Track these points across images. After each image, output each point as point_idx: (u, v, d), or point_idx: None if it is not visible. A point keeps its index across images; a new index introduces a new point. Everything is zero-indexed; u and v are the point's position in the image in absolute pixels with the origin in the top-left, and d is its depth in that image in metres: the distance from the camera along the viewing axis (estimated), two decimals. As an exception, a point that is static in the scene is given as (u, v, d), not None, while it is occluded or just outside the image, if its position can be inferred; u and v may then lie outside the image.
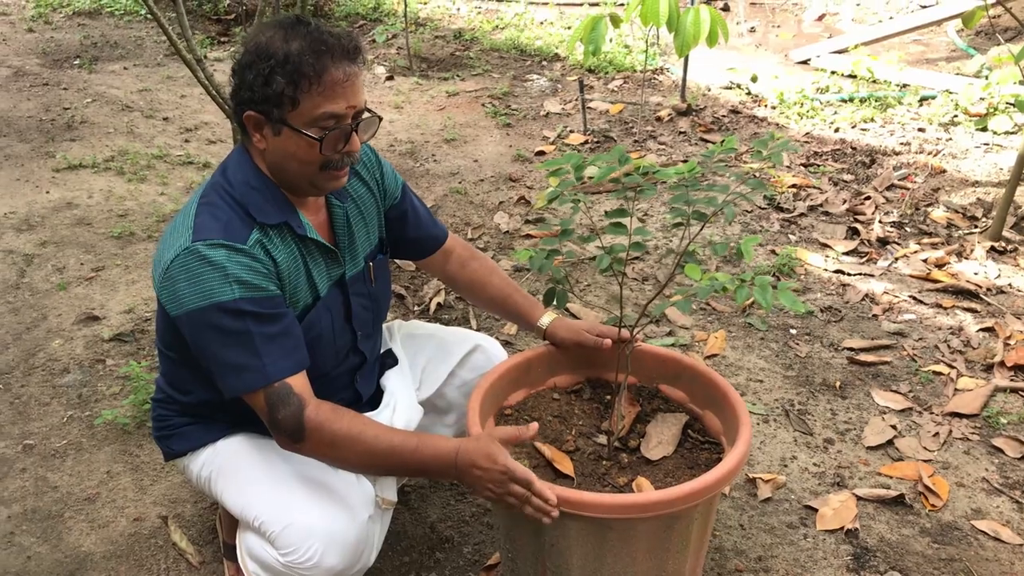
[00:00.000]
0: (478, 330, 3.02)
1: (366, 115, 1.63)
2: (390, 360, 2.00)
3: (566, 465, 1.80)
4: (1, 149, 4.63)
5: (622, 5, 7.29)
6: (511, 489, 1.53)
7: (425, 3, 7.83)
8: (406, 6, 6.33)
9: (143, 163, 4.47)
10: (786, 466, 2.44)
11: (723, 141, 1.80)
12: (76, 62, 6.22)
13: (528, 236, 3.74)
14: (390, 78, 5.99)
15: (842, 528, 2.20)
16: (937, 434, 2.55)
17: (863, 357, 2.89)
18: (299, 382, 1.57)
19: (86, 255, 3.55)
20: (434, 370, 2.03)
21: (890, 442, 2.52)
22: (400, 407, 1.88)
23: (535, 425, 1.63)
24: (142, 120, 5.14)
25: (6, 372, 2.82)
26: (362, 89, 1.62)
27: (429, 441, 1.59)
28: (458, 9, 7.69)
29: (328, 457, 1.60)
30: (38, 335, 3.02)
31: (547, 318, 2.01)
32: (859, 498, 2.30)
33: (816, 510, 2.26)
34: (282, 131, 1.58)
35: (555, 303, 1.87)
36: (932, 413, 2.64)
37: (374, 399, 1.92)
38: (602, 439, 1.90)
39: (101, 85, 5.74)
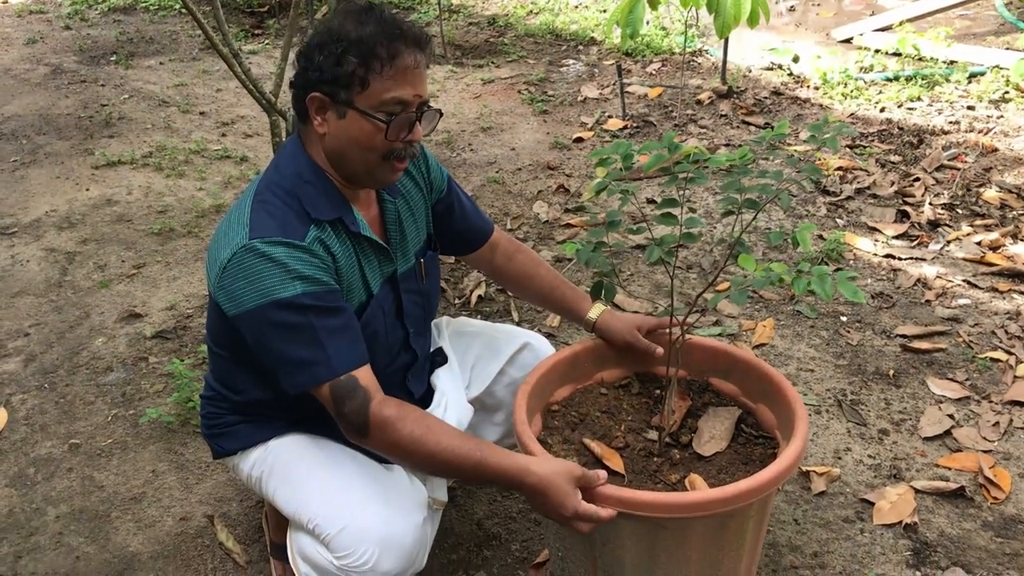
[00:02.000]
0: (520, 322, 2.99)
1: (429, 107, 1.61)
2: (440, 358, 1.96)
3: (616, 462, 1.76)
4: (41, 147, 4.66)
5: (658, -13, 7.18)
6: (575, 526, 1.53)
7: (458, -10, 7.77)
8: (440, -6, 6.29)
9: (181, 158, 4.48)
10: (840, 458, 2.37)
11: (774, 126, 1.74)
12: (112, 58, 6.25)
13: (568, 225, 3.69)
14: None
15: (900, 522, 2.14)
16: (997, 423, 2.47)
17: (917, 344, 2.81)
18: (364, 375, 1.54)
19: (127, 252, 3.56)
20: (483, 368, 2.00)
21: (948, 432, 2.44)
22: (451, 406, 1.85)
23: (604, 474, 1.58)
24: (179, 115, 5.15)
25: (51, 371, 2.83)
26: (426, 79, 1.60)
27: (493, 457, 1.53)
28: (491, -5, 7.63)
29: (389, 454, 1.57)
30: (81, 333, 3.03)
31: (595, 312, 1.97)
32: (917, 491, 2.23)
33: (873, 504, 2.20)
34: (348, 114, 1.55)
35: (603, 296, 1.82)
36: (991, 402, 2.56)
37: (425, 397, 1.89)
38: (652, 435, 1.85)
39: (138, 81, 5.77)
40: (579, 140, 4.62)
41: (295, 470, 1.71)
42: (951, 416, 2.49)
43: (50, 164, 4.44)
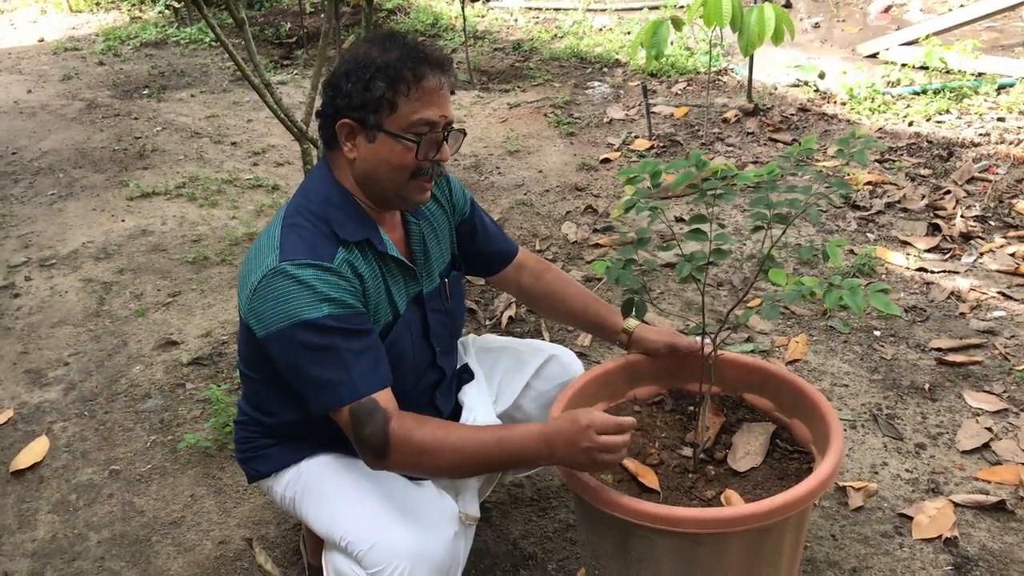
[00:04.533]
0: (552, 342, 2.99)
1: (454, 127, 1.66)
2: (466, 375, 1.98)
3: (651, 479, 1.76)
4: (77, 180, 4.75)
5: (682, 7, 7.21)
6: (601, 442, 1.48)
7: (483, 16, 7.85)
8: (464, 20, 6.36)
9: (214, 188, 4.55)
10: (877, 473, 2.36)
11: (801, 142, 1.74)
12: (145, 92, 6.38)
13: (597, 245, 3.70)
14: (451, 92, 5.99)
15: (940, 536, 2.11)
16: (1036, 436, 2.44)
17: (952, 357, 2.78)
18: (384, 397, 1.56)
19: (162, 281, 3.62)
20: (510, 382, 2.01)
21: (986, 445, 2.41)
22: (479, 421, 1.86)
23: (631, 420, 1.56)
24: (211, 146, 5.24)
25: (90, 399, 2.87)
26: (450, 101, 1.65)
27: (513, 428, 1.56)
28: (516, 20, 7.69)
29: (417, 467, 1.57)
30: (119, 361, 3.07)
31: (630, 325, 1.98)
32: (956, 504, 2.21)
33: (911, 518, 2.18)
34: (377, 137, 1.59)
35: (634, 313, 1.83)
36: (1030, 414, 2.53)
37: (453, 414, 1.90)
38: (687, 451, 1.85)
39: (170, 113, 5.88)
40: (606, 161, 4.64)
41: (327, 489, 1.72)
42: (989, 429, 2.47)
43: (86, 197, 4.53)
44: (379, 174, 1.62)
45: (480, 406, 1.89)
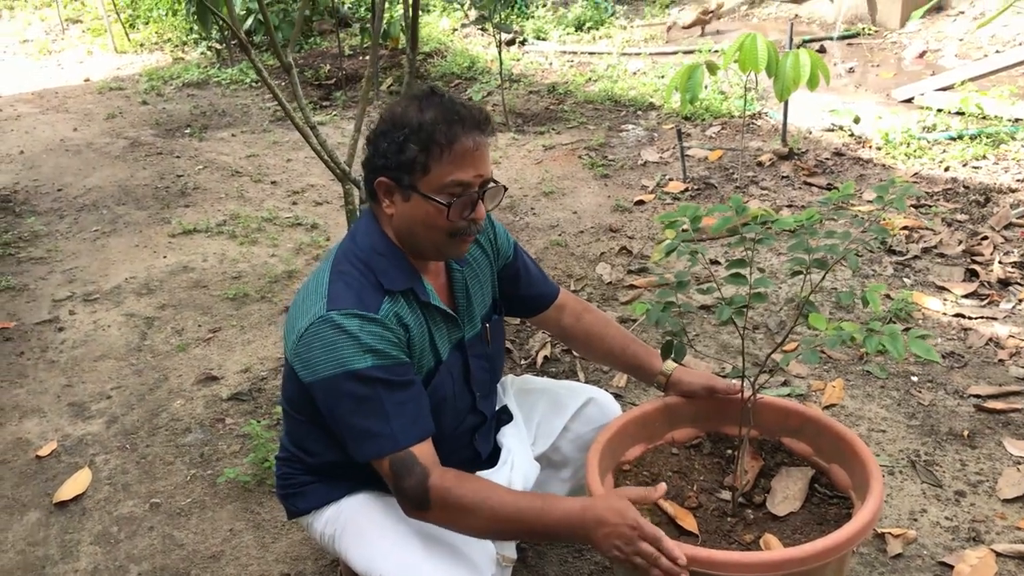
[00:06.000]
0: (586, 382, 3.01)
1: (492, 185, 1.67)
2: (505, 416, 2.00)
3: (689, 522, 1.76)
4: (120, 217, 4.85)
5: (716, 52, 7.27)
6: (640, 548, 1.50)
7: (518, 60, 7.95)
8: (501, 63, 6.44)
9: (254, 226, 4.63)
10: (916, 520, 2.34)
11: (838, 187, 1.76)
12: (187, 131, 6.51)
13: (631, 286, 3.72)
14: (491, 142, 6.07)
15: (982, 586, 2.09)
16: (1079, 485, 2.41)
17: (991, 404, 2.76)
18: (424, 450, 1.59)
19: (203, 317, 3.68)
20: (548, 424, 2.03)
21: (1028, 494, 2.39)
22: (518, 463, 1.87)
23: (663, 486, 1.60)
24: (251, 184, 5.33)
25: (132, 432, 2.92)
26: (489, 159, 1.67)
27: (554, 502, 1.57)
28: (551, 64, 7.79)
29: (453, 524, 1.60)
30: (160, 395, 3.12)
31: (668, 367, 1.99)
32: (998, 554, 2.18)
33: (952, 567, 2.15)
34: (412, 197, 1.63)
35: (673, 356, 1.84)
36: (1072, 463, 2.50)
37: (491, 456, 1.92)
38: (725, 495, 1.85)
39: (211, 152, 5.99)
40: (640, 203, 4.67)
41: (366, 528, 1.74)
42: (1030, 478, 2.44)
43: (129, 233, 4.63)
44: (416, 232, 1.67)
45: (518, 448, 1.90)
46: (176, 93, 7.66)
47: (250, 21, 7.69)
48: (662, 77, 6.89)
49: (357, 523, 1.76)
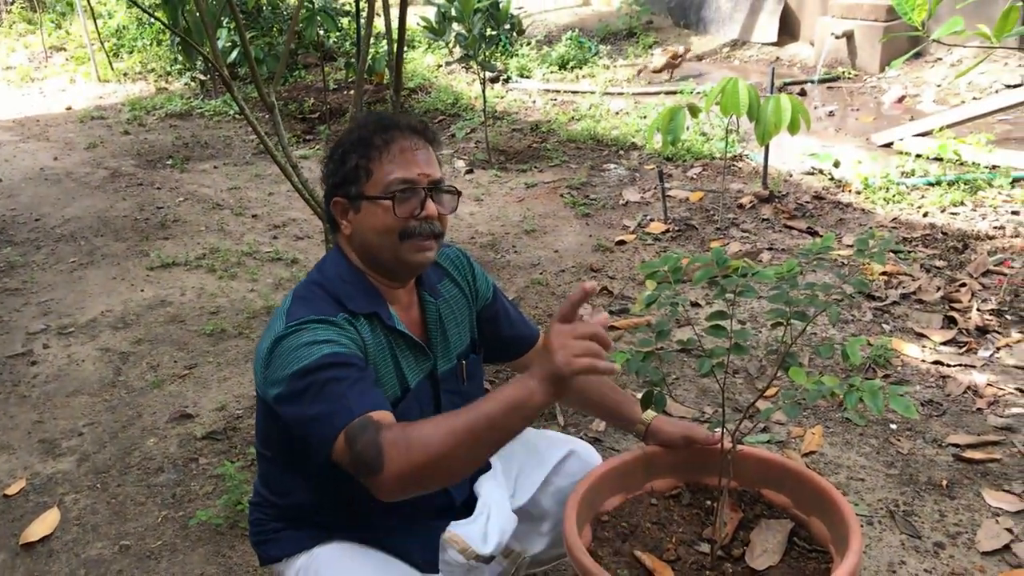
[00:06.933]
0: (565, 426, 3.00)
1: (443, 186, 1.70)
2: (483, 465, 1.97)
3: None
4: (98, 248, 4.82)
5: (698, 94, 7.34)
6: (580, 331, 1.37)
7: (502, 97, 8.00)
8: (484, 101, 6.48)
9: (233, 260, 4.60)
10: (895, 572, 2.32)
11: (819, 232, 1.76)
12: (168, 162, 6.50)
13: (613, 328, 3.71)
14: (470, 171, 6.09)
15: (961, 641, 2.08)
16: (1057, 538, 2.41)
17: (970, 454, 2.76)
18: (379, 413, 1.48)
19: (179, 352, 3.63)
20: (528, 477, 2.00)
21: (1007, 547, 2.38)
22: (494, 515, 1.84)
23: (592, 284, 1.41)
24: (232, 218, 5.31)
25: (103, 471, 2.87)
26: (435, 163, 1.71)
27: (497, 393, 1.42)
28: (534, 102, 7.83)
29: (414, 464, 1.40)
30: (133, 433, 3.08)
31: (647, 416, 1.98)
32: (977, 608, 2.17)
33: (931, 621, 2.14)
34: (361, 206, 1.66)
35: (653, 406, 1.83)
36: (1050, 515, 2.50)
37: (468, 505, 1.89)
38: (704, 547, 1.83)
39: (192, 184, 5.97)
40: (621, 243, 4.68)
41: None
42: (1009, 530, 2.43)
43: (107, 265, 4.59)
44: (370, 241, 1.67)
45: (496, 500, 1.87)
46: (159, 123, 7.65)
47: (235, 53, 7.70)
48: (644, 117, 6.94)
49: (329, 573, 1.72)
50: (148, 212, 5.41)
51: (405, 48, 8.36)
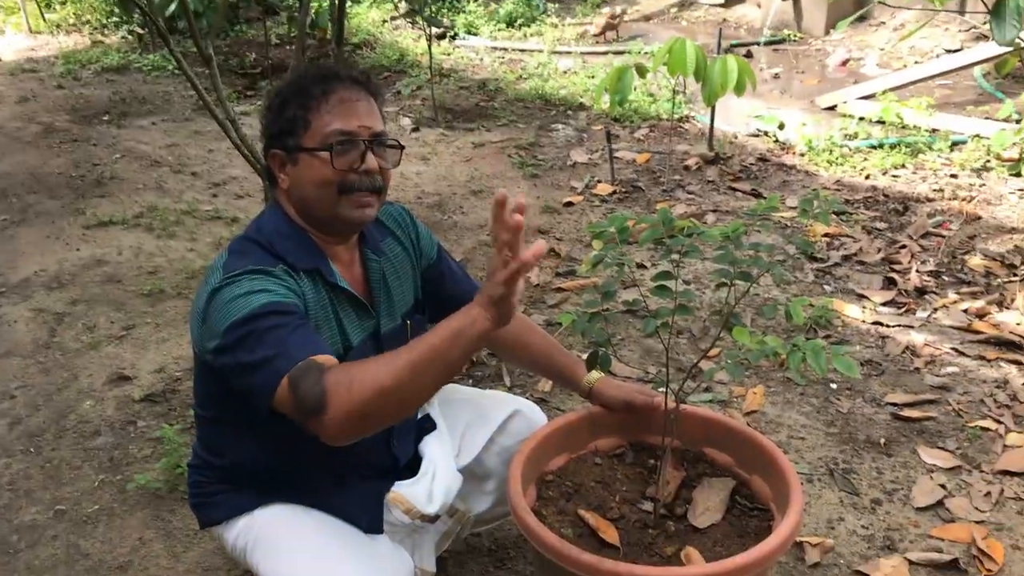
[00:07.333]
0: (511, 387, 2.99)
1: (385, 140, 1.65)
2: (428, 425, 1.96)
3: (611, 534, 1.75)
4: (32, 206, 4.66)
5: (647, 54, 7.31)
6: (497, 259, 1.38)
7: (449, 54, 7.90)
8: (431, 58, 6.38)
9: (172, 219, 4.49)
10: (833, 528, 2.37)
11: (763, 195, 1.77)
12: (105, 118, 6.30)
13: (559, 289, 3.71)
14: (416, 129, 6.01)
15: (895, 595, 2.13)
16: (988, 493, 2.47)
17: (907, 413, 2.82)
18: (321, 356, 1.43)
19: (116, 313, 3.55)
20: (473, 436, 1.99)
21: (940, 502, 2.44)
22: (439, 474, 1.84)
23: (502, 193, 1.39)
24: (171, 175, 5.18)
25: (37, 435, 2.80)
26: (377, 116, 1.65)
27: (440, 324, 1.41)
28: (481, 60, 7.75)
29: (357, 402, 1.35)
30: (69, 396, 3.00)
31: (592, 377, 1.97)
32: (911, 562, 2.22)
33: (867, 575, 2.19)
34: (299, 158, 1.61)
35: (599, 366, 1.83)
36: (982, 471, 2.56)
37: (412, 465, 1.87)
38: (647, 506, 1.84)
39: (130, 140, 5.80)
40: (569, 204, 4.66)
41: (279, 541, 1.68)
42: (943, 486, 2.49)
43: (40, 223, 4.44)
44: (308, 195, 1.62)
45: (441, 459, 1.87)
46: (94, 78, 7.40)
47: (174, 6, 7.46)
48: (592, 77, 6.91)
49: (270, 536, 1.70)
50: (83, 169, 5.25)
51: (349, 2, 8.20)
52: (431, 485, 1.80)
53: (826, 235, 4.10)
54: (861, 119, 5.67)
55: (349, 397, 1.34)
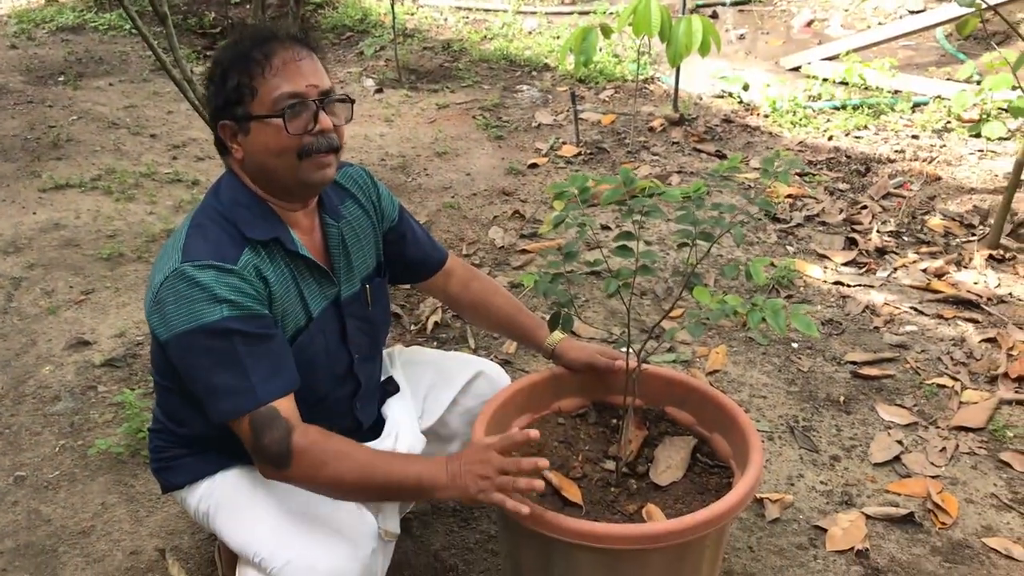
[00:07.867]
0: (476, 349, 2.99)
1: (335, 96, 1.62)
2: (391, 387, 1.95)
3: (573, 493, 1.76)
4: (-14, 169, 4.57)
5: (612, 14, 7.27)
6: (495, 463, 1.52)
7: (413, 14, 7.80)
8: (394, 18, 6.30)
9: (131, 182, 4.42)
10: (793, 484, 2.41)
11: (727, 155, 1.77)
12: (60, 79, 6.16)
13: (524, 251, 3.70)
14: (379, 91, 5.95)
15: (852, 548, 2.17)
16: (944, 449, 2.52)
17: (866, 371, 2.86)
18: (286, 406, 1.52)
19: (75, 278, 3.49)
20: (436, 398, 1.99)
21: (897, 458, 2.49)
22: (403, 435, 1.83)
23: (535, 433, 1.57)
24: (129, 137, 5.09)
25: (-5, 400, 2.76)
26: (322, 72, 1.61)
27: (418, 457, 1.60)
28: (445, 20, 7.66)
29: (316, 481, 1.53)
30: (28, 361, 2.96)
31: (554, 338, 1.98)
32: (868, 517, 2.27)
33: (825, 530, 2.23)
34: (250, 127, 1.57)
35: (561, 327, 1.83)
36: (938, 427, 2.61)
37: (376, 428, 1.87)
38: (610, 464, 1.86)
39: (86, 102, 5.69)
40: (534, 166, 4.64)
41: (241, 503, 1.68)
42: (900, 442, 2.54)
43: (-5, 187, 4.36)
44: (266, 164, 1.59)
45: (405, 420, 1.86)
46: (49, 38, 7.22)
47: (129, -37, 7.30)
48: (557, 38, 6.86)
49: (232, 500, 1.70)
50: (39, 131, 5.14)
51: (311, -39, 8.04)
52: (394, 445, 1.80)
53: (789, 196, 4.12)
54: (825, 80, 5.69)
55: (312, 472, 1.51)
